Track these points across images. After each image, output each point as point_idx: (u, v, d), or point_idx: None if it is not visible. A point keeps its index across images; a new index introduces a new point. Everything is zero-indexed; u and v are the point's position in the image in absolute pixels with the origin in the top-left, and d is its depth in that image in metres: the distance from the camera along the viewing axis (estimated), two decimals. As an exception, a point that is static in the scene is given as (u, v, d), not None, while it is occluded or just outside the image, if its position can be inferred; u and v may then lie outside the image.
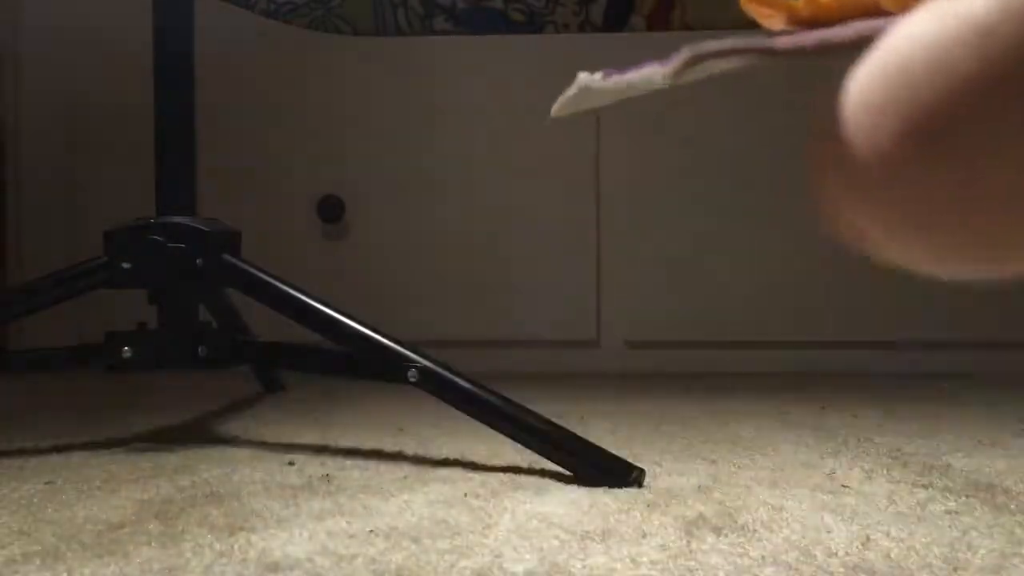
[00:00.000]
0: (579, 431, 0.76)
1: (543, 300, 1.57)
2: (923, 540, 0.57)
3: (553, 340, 1.57)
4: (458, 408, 0.78)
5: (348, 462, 0.81)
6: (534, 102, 1.57)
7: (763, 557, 0.53)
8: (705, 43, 0.25)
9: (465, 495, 0.68)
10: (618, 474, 0.72)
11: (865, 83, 0.19)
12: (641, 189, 1.57)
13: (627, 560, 0.53)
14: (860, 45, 0.20)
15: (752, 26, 0.28)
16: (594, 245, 1.57)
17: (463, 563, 0.53)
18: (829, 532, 0.59)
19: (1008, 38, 0.17)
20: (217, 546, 0.56)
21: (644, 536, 0.58)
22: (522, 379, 1.36)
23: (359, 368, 0.84)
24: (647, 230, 1.56)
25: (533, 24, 1.66)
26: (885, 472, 0.76)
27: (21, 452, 0.86)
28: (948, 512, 0.64)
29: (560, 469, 0.74)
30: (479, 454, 0.83)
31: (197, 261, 0.87)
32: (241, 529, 0.60)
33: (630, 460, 0.73)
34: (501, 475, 0.75)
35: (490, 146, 1.58)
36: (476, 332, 1.56)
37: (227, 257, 0.88)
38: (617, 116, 1.57)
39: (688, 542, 0.56)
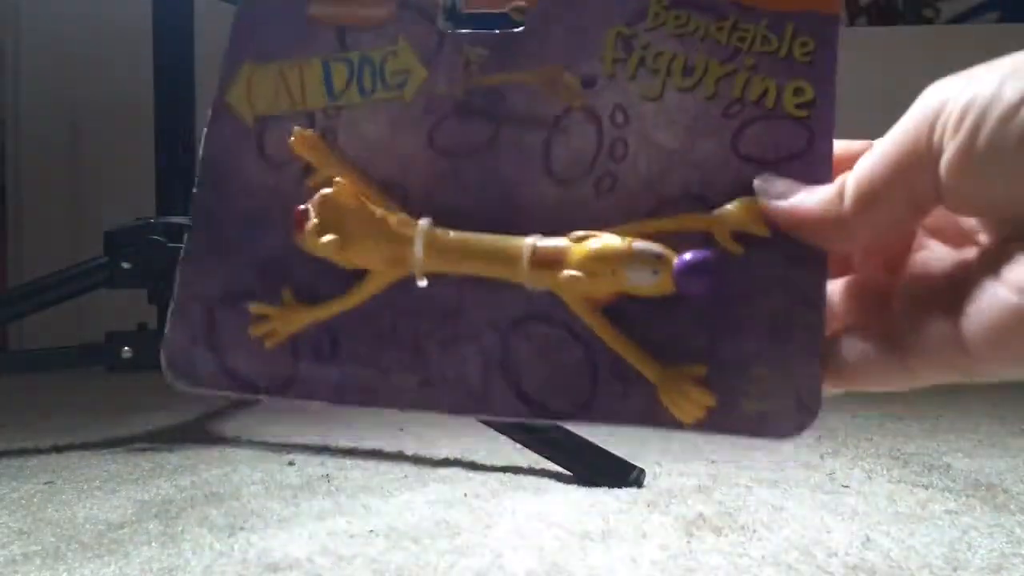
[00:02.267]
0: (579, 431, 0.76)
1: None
2: (923, 540, 0.57)
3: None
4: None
5: (348, 462, 0.81)
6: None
7: (763, 557, 0.53)
8: None
9: (465, 495, 0.68)
10: (618, 474, 0.72)
11: None
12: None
13: (627, 560, 0.53)
14: None
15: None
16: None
17: (463, 563, 0.53)
18: (829, 532, 0.59)
19: None
20: (217, 546, 0.56)
21: (644, 536, 0.58)
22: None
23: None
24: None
25: (533, 24, 1.66)
26: (885, 472, 0.76)
27: (21, 452, 0.86)
28: (948, 512, 0.64)
29: (560, 469, 0.74)
30: (479, 454, 0.83)
31: (197, 261, 0.87)
32: (241, 529, 0.60)
33: (630, 460, 0.73)
34: (501, 475, 0.75)
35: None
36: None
37: (227, 257, 0.88)
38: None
39: (688, 542, 0.56)
